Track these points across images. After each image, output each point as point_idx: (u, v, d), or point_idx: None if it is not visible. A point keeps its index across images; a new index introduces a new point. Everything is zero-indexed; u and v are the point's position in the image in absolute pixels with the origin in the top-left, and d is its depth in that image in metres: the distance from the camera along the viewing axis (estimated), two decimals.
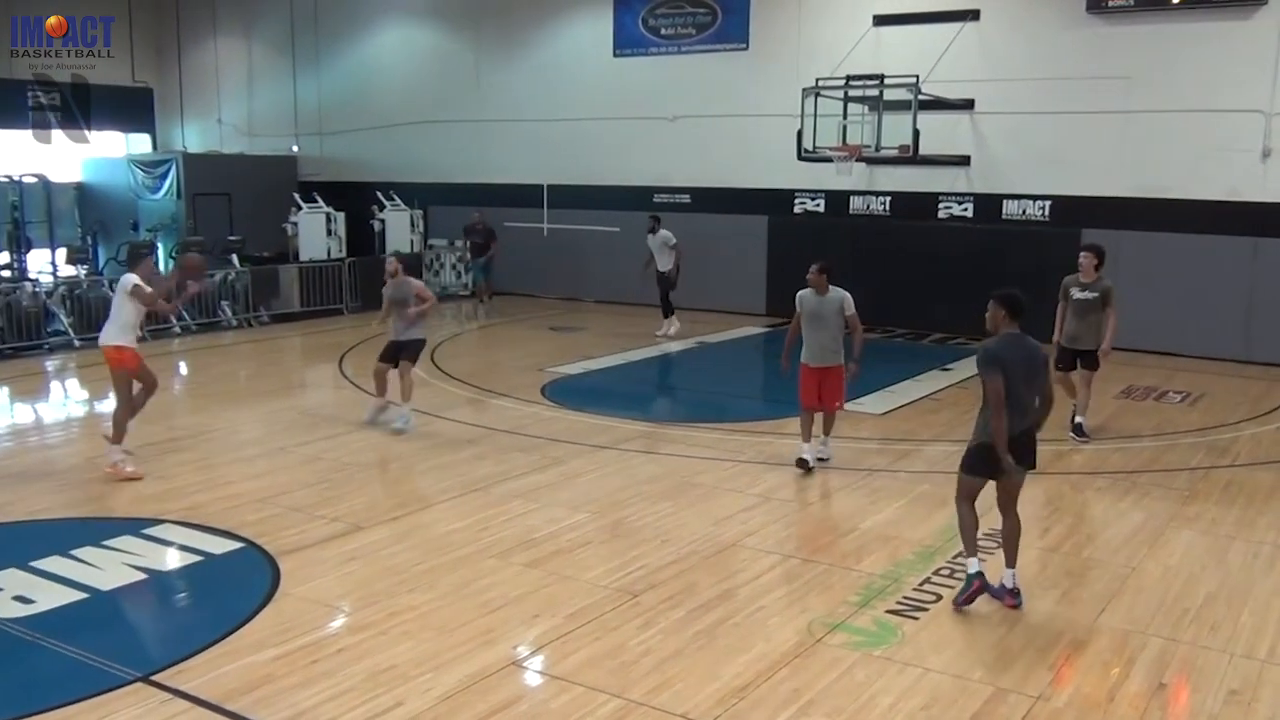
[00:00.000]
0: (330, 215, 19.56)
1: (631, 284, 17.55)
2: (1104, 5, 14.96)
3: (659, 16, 18.88)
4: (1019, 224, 15.97)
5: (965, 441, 6.34)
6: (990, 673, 5.37)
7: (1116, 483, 8.67)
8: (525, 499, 8.27)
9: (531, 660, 5.54)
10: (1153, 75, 14.81)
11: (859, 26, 16.53)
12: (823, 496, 8.38)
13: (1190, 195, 14.73)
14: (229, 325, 16.80)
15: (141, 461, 8.87)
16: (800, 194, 17.75)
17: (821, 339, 8.79)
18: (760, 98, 17.62)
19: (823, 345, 8.80)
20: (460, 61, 21.22)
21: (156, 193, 21.68)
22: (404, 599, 6.20)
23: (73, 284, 15.85)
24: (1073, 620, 6.04)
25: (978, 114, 16.14)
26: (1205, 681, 5.36)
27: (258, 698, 5.02)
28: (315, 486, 8.46)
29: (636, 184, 19.17)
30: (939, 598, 6.30)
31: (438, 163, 21.46)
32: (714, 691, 5.13)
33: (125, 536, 7.16)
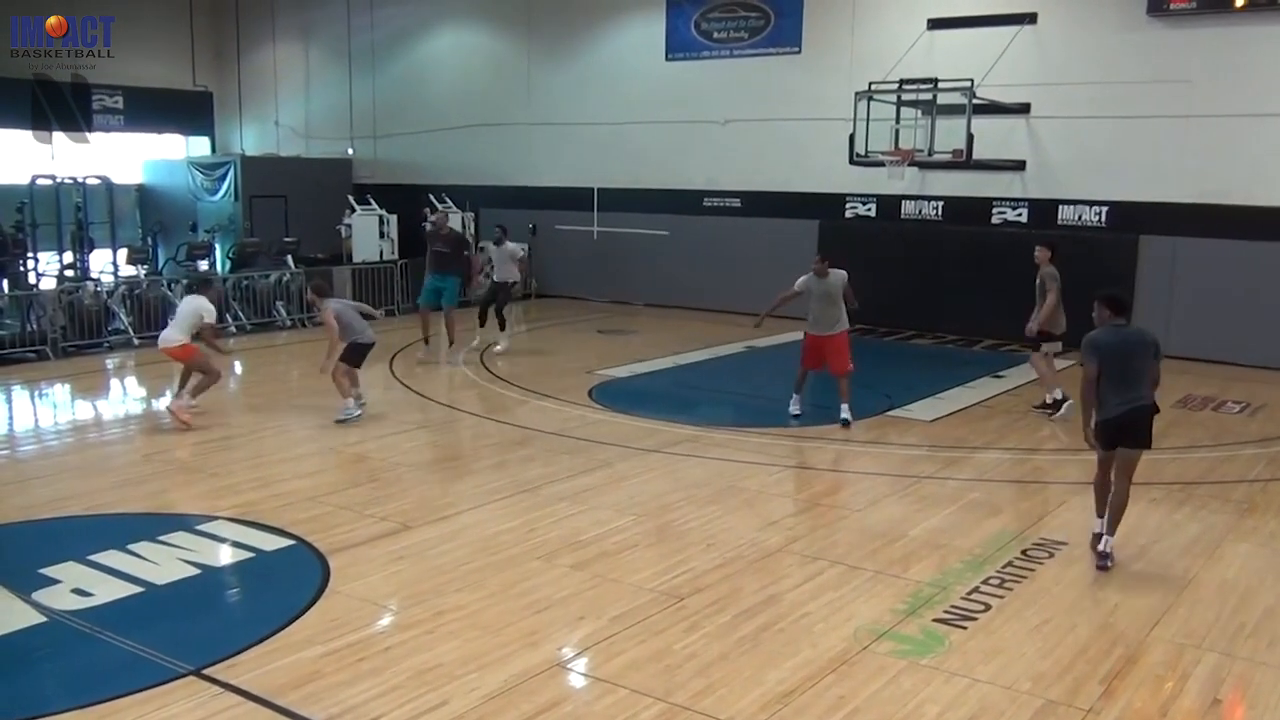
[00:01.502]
0: (383, 217, 19.79)
1: (682, 288, 17.56)
2: (1165, 8, 14.70)
3: (711, 20, 18.86)
4: (1075, 230, 15.73)
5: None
6: (1040, 684, 5.29)
7: (1172, 493, 8.51)
8: (572, 501, 8.30)
9: (576, 662, 5.56)
10: (1214, 79, 14.52)
11: (913, 30, 16.39)
12: (870, 503, 8.32)
13: (1251, 201, 14.41)
14: (283, 325, 17.05)
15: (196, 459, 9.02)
16: (851, 198, 17.63)
17: (825, 312, 10.74)
18: (812, 101, 17.53)
19: (827, 316, 10.74)
20: (513, 65, 21.36)
21: (215, 194, 22.06)
22: (451, 598, 6.25)
23: (133, 284, 16.17)
24: (1126, 633, 5.93)
25: (1033, 118, 15.94)
26: (1262, 698, 5.24)
27: (306, 693, 5.08)
28: (365, 486, 8.55)
29: (687, 188, 19.17)
30: (988, 607, 6.22)
31: (489, 165, 21.62)
32: (758, 697, 5.11)
33: (180, 532, 7.30)
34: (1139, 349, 6.78)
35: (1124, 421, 6.70)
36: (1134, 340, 6.81)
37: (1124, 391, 6.66)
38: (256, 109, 25.35)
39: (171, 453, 9.55)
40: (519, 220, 20.92)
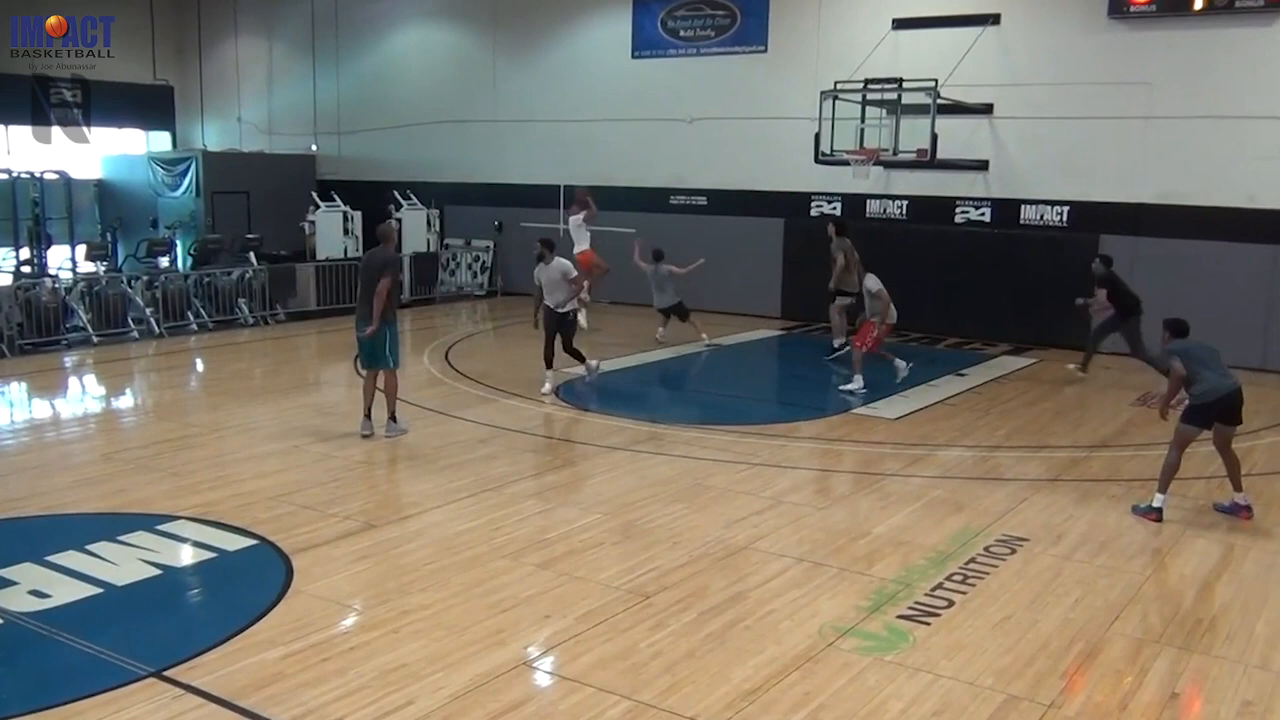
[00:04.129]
0: (347, 214, 19.65)
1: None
2: (1126, 10, 14.88)
3: (678, 18, 18.88)
4: (1037, 229, 15.90)
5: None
6: (1002, 679, 5.34)
7: (1132, 490, 8.61)
8: (538, 499, 8.29)
9: (542, 661, 5.55)
10: (1174, 81, 14.72)
11: (878, 30, 16.49)
12: (835, 500, 8.37)
13: (1210, 202, 14.63)
14: (245, 323, 16.89)
15: (157, 458, 8.91)
16: (817, 197, 17.72)
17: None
18: (778, 100, 17.60)
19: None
20: (478, 62, 21.27)
21: (176, 190, 21.82)
22: (416, 598, 6.22)
23: (92, 280, 15.95)
24: (1086, 628, 6.00)
25: (997, 118, 16.09)
26: (1219, 692, 5.32)
27: (269, 695, 5.04)
28: (328, 484, 8.49)
29: (653, 185, 19.17)
30: (951, 603, 6.27)
31: (455, 163, 21.52)
32: (724, 694, 5.12)
33: (140, 532, 7.21)
34: (1214, 352, 8.04)
35: (1224, 406, 7.82)
36: (1210, 348, 8.06)
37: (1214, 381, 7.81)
38: (218, 104, 25.07)
39: (131, 452, 9.43)
40: (484, 217, 20.92)
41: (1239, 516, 7.98)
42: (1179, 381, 7.84)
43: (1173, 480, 7.97)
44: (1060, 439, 10.60)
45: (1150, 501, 7.98)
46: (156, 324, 15.65)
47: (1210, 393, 7.77)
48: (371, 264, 9.92)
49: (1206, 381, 7.82)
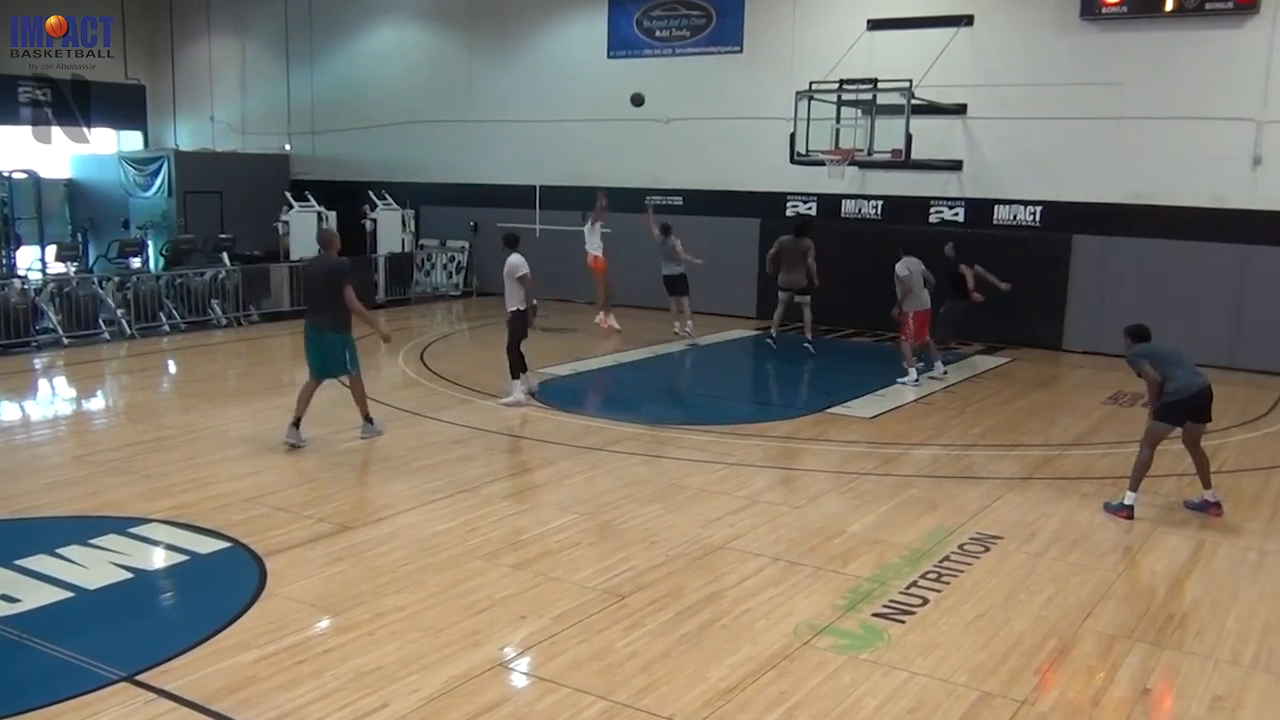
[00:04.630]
0: (322, 214, 19.54)
1: (624, 286, 17.56)
2: (1097, 12, 15.01)
3: (654, 18, 18.89)
4: (1010, 229, 16.01)
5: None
6: (976, 676, 5.38)
7: (1104, 488, 8.69)
8: (514, 500, 8.27)
9: (518, 662, 5.54)
10: (1145, 82, 14.86)
11: (853, 30, 16.56)
12: (810, 499, 8.39)
13: (1180, 202, 14.78)
14: (219, 324, 16.76)
15: (129, 460, 8.83)
16: (793, 197, 17.77)
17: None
18: (754, 101, 17.64)
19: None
20: (454, 62, 21.21)
21: (148, 190, 21.63)
22: (391, 600, 6.19)
23: (62, 281, 15.79)
24: (1059, 625, 6.05)
25: (970, 119, 16.19)
26: (1189, 687, 5.38)
27: (243, 698, 5.00)
28: (302, 486, 8.44)
29: (629, 185, 19.16)
30: (925, 601, 6.31)
31: (430, 163, 21.45)
32: (700, 694, 5.13)
33: (111, 535, 7.14)
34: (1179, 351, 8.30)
35: (1196, 403, 7.93)
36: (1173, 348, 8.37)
37: (1185, 379, 7.95)
38: (191, 104, 24.88)
39: (103, 454, 9.34)
40: (460, 218, 20.86)
41: (1209, 513, 8.07)
42: (1155, 384, 7.92)
43: (1144, 478, 8.05)
44: (1033, 437, 10.68)
45: (1122, 499, 8.06)
46: (128, 325, 15.51)
47: (1182, 390, 7.85)
48: (317, 270, 9.59)
49: (1178, 379, 7.91)
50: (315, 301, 9.55)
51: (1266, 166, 14.25)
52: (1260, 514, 8.25)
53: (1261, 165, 14.27)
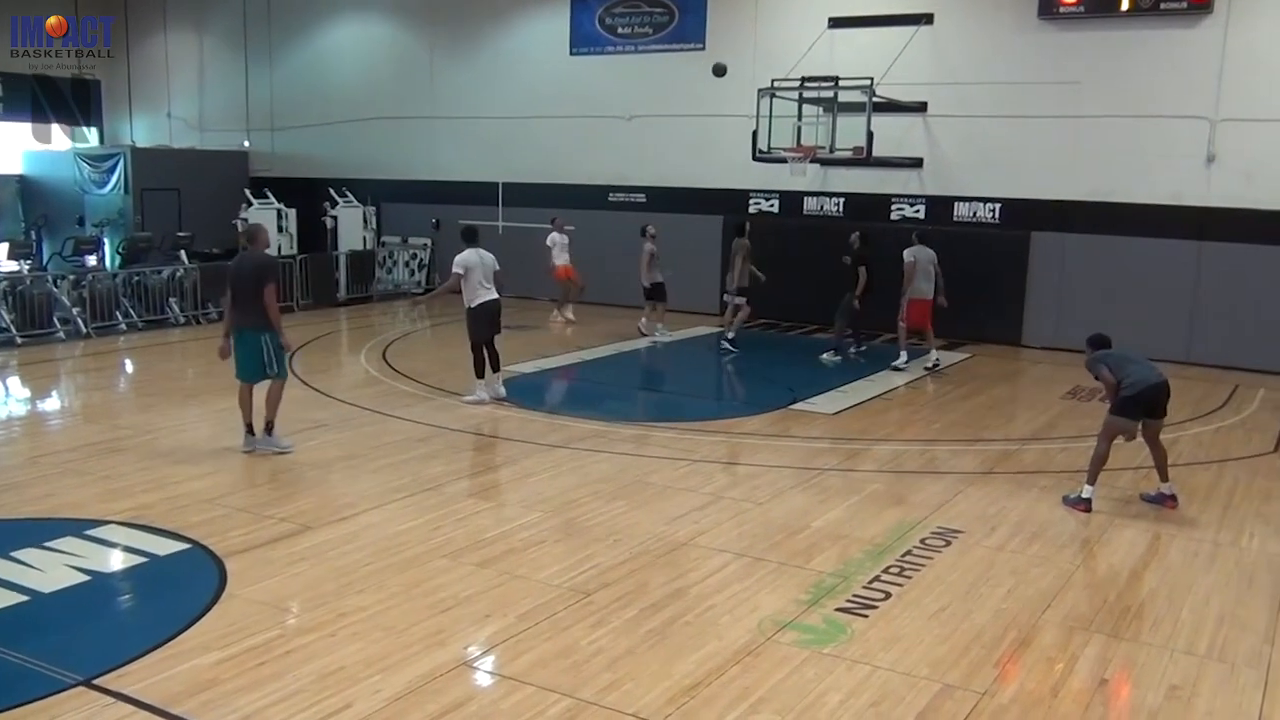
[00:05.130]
0: (281, 212, 19.37)
1: (588, 283, 17.56)
2: (1055, 11, 15.19)
3: (616, 15, 18.88)
4: (970, 226, 16.16)
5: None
6: (937, 669, 5.43)
7: (1061, 482, 8.80)
8: (477, 498, 8.24)
9: (482, 660, 5.52)
10: (1101, 80, 15.06)
11: (814, 28, 16.65)
12: (774, 495, 8.43)
13: (1136, 199, 15.01)
14: (177, 322, 16.56)
15: (85, 461, 8.70)
16: (755, 194, 17.84)
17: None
18: (716, 98, 17.68)
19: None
20: (415, 58, 21.09)
21: (104, 187, 21.34)
22: (353, 600, 6.15)
23: (15, 280, 15.52)
24: (1019, 617, 6.12)
25: (931, 117, 16.33)
26: (1146, 677, 5.46)
27: (203, 701, 4.95)
28: (263, 486, 8.37)
29: (592, 183, 19.17)
30: (888, 595, 6.36)
31: (391, 159, 21.31)
32: (665, 690, 5.14)
33: (68, 538, 7.03)
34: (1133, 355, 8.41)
35: (1152, 398, 8.06)
36: (1127, 352, 8.44)
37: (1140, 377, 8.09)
38: (148, 100, 24.56)
39: (59, 455, 9.20)
40: (422, 215, 20.76)
41: (1165, 506, 8.20)
42: (1112, 386, 8.07)
43: (1101, 471, 8.16)
44: (994, 432, 10.79)
45: (1080, 492, 8.17)
46: (84, 324, 15.29)
47: (1138, 384, 7.98)
48: (243, 269, 9.15)
49: (1134, 375, 8.04)
50: (239, 300, 9.11)
51: (1220, 164, 14.50)
52: (1214, 506, 8.39)
53: (1215, 162, 14.52)
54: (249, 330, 9.09)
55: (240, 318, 9.14)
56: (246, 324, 9.09)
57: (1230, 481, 9.13)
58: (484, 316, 11.06)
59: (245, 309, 9.08)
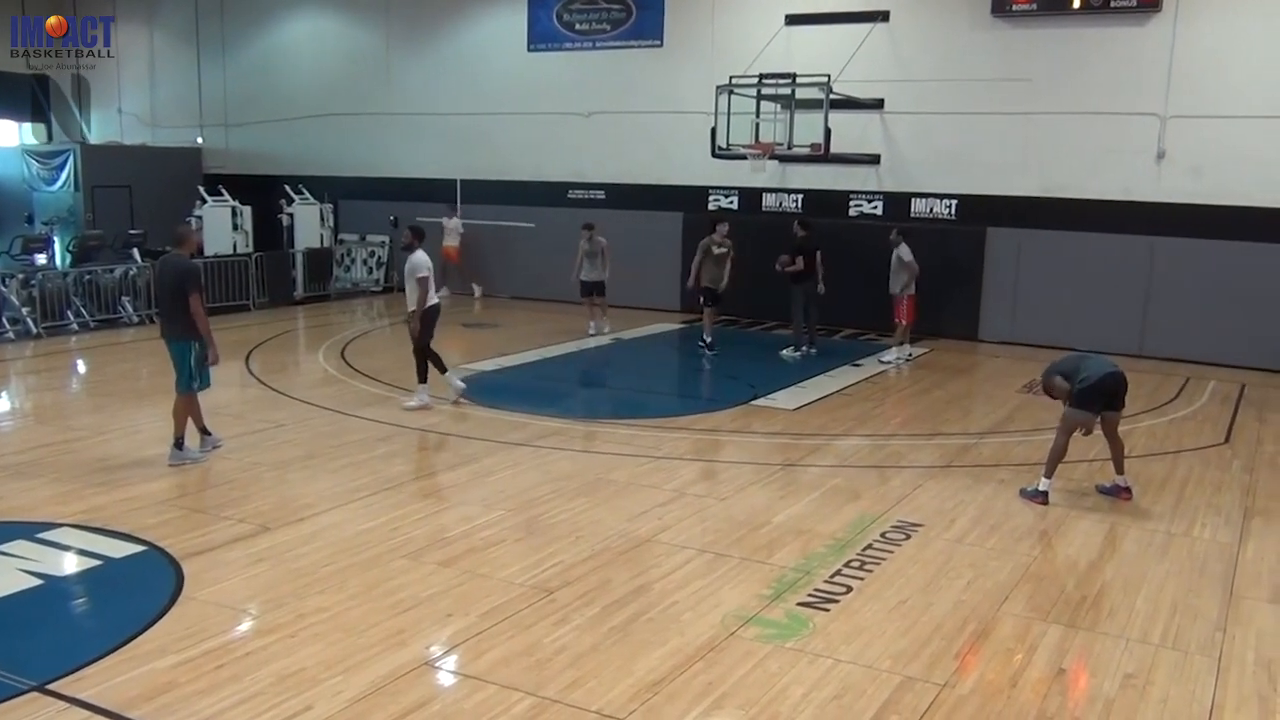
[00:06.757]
0: (236, 209, 19.12)
1: (546, 280, 17.52)
2: (1008, 9, 15.36)
3: (573, 11, 18.83)
4: (927, 222, 16.30)
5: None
6: (899, 662, 5.47)
7: (1019, 474, 8.90)
8: (438, 497, 8.20)
9: (444, 660, 5.49)
10: (1054, 78, 15.26)
11: (772, 25, 16.71)
12: (736, 491, 8.46)
13: (1089, 195, 15.23)
14: (130, 322, 16.30)
15: (36, 463, 8.55)
16: (714, 191, 17.88)
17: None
18: (675, 95, 17.70)
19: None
20: (371, 53, 20.91)
21: (53, 184, 20.98)
22: (313, 601, 6.09)
23: None
24: (978, 609, 6.19)
25: (888, 114, 16.45)
26: (1102, 666, 5.54)
27: (160, 705, 4.88)
28: (220, 487, 8.26)
29: (551, 179, 19.12)
30: (849, 589, 6.40)
31: (348, 156, 21.12)
32: (629, 687, 5.14)
33: (19, 541, 6.91)
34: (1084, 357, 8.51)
35: (1107, 391, 8.14)
36: (1079, 357, 8.52)
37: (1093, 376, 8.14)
38: (98, 95, 24.13)
39: (8, 457, 9.02)
40: (379, 212, 20.58)
41: (1119, 498, 8.31)
42: (1066, 392, 8.17)
43: (1059, 464, 8.27)
44: (952, 426, 10.90)
45: (1037, 485, 8.27)
46: (34, 324, 15.01)
47: (1093, 375, 8.07)
48: (166, 273, 8.75)
49: (1088, 369, 8.14)
50: (161, 307, 8.79)
51: (1170, 160, 14.73)
52: (1167, 497, 8.53)
53: (1165, 159, 14.75)
54: (173, 340, 8.70)
55: (164, 325, 8.84)
56: (172, 333, 8.72)
57: (1183, 473, 9.28)
58: (436, 316, 10.96)
59: (168, 317, 8.75)
